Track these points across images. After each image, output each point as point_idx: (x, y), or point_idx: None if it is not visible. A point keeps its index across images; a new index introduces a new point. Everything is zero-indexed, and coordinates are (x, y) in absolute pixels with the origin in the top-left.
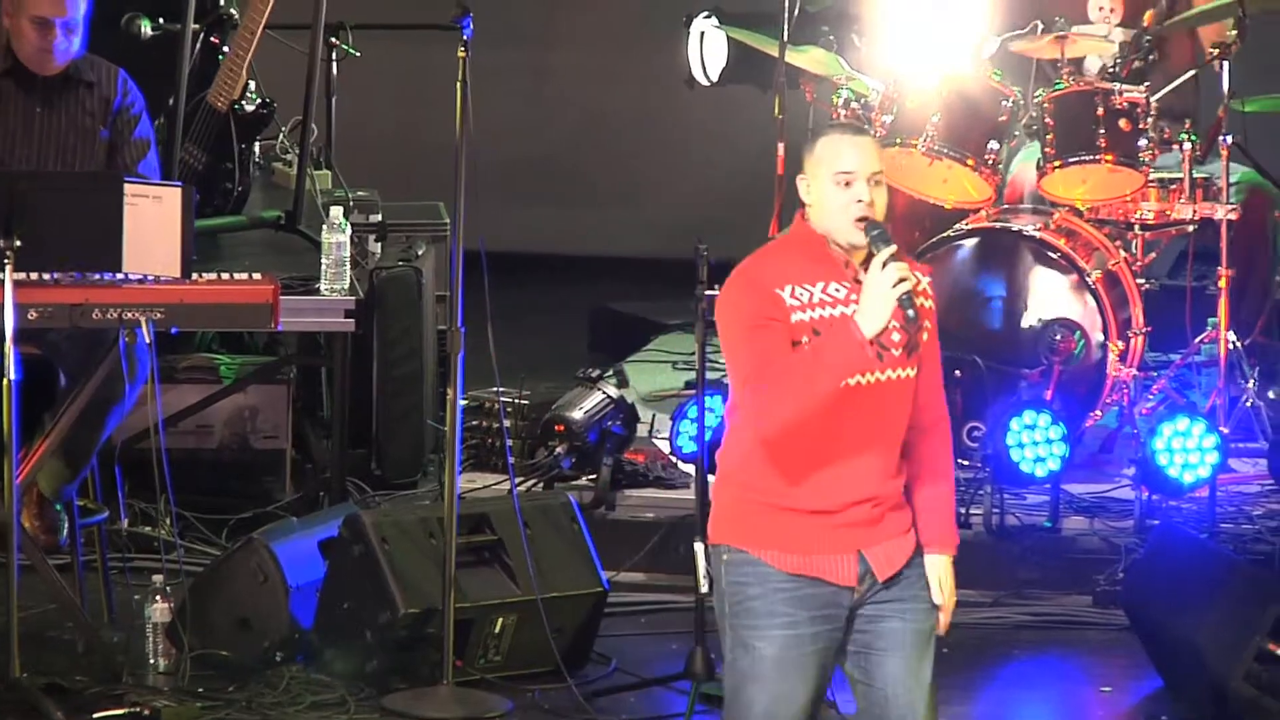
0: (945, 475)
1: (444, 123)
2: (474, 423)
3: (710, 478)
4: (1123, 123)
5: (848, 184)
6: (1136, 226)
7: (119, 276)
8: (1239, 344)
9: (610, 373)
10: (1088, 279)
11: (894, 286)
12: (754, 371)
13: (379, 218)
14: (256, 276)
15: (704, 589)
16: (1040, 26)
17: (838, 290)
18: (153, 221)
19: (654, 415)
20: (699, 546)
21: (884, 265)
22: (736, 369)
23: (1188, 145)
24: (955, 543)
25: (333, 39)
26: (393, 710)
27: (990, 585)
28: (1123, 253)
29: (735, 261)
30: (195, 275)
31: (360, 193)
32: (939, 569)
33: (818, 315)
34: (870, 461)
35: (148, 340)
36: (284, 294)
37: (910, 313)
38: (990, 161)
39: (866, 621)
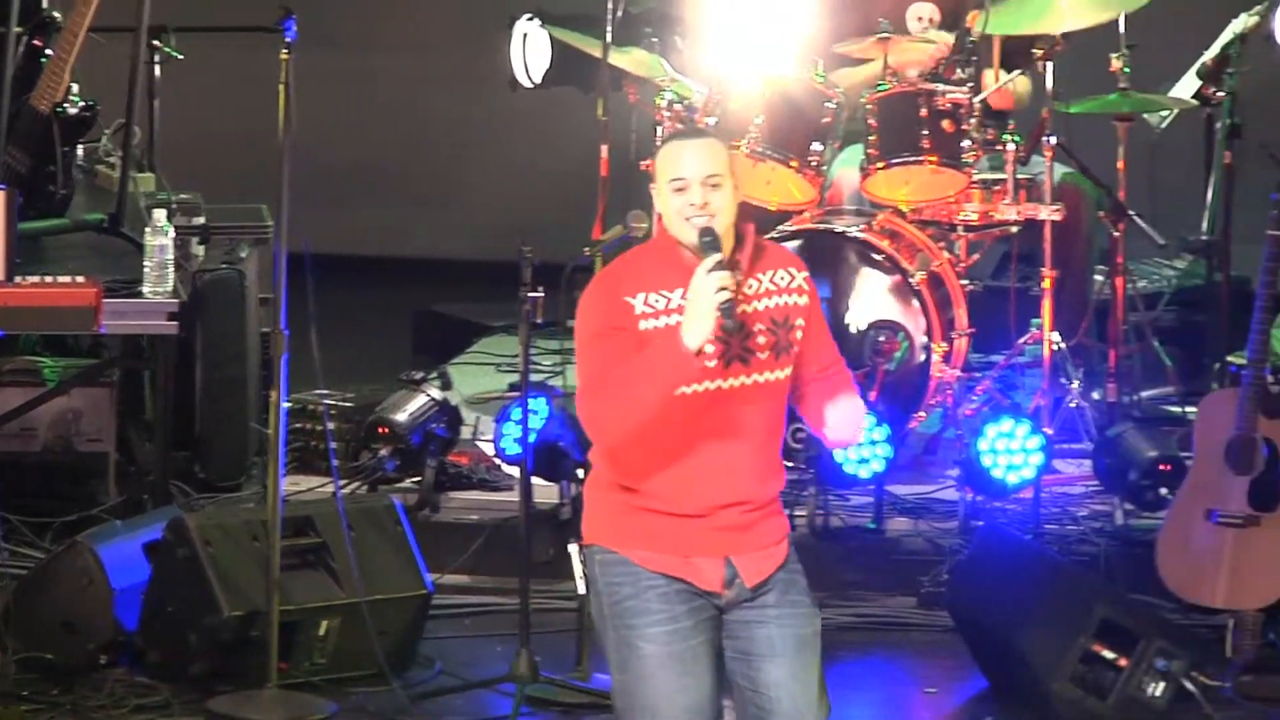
0: (849, 390)
1: (267, 125)
2: (298, 425)
3: (534, 480)
4: (946, 124)
5: (681, 189)
6: (960, 228)
7: None
8: (1062, 345)
9: (434, 375)
10: (911, 280)
11: (715, 294)
12: (590, 382)
13: (202, 220)
14: (79, 279)
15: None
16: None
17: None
18: None
19: (478, 418)
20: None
21: (707, 273)
22: (579, 377)
23: (1011, 146)
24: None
25: (155, 41)
26: (217, 713)
27: (815, 587)
28: (946, 254)
29: (559, 264)
30: (18, 278)
31: (183, 195)
32: None
33: (671, 323)
34: (738, 465)
35: None
36: (107, 297)
37: (728, 323)
38: (813, 163)
39: (742, 627)
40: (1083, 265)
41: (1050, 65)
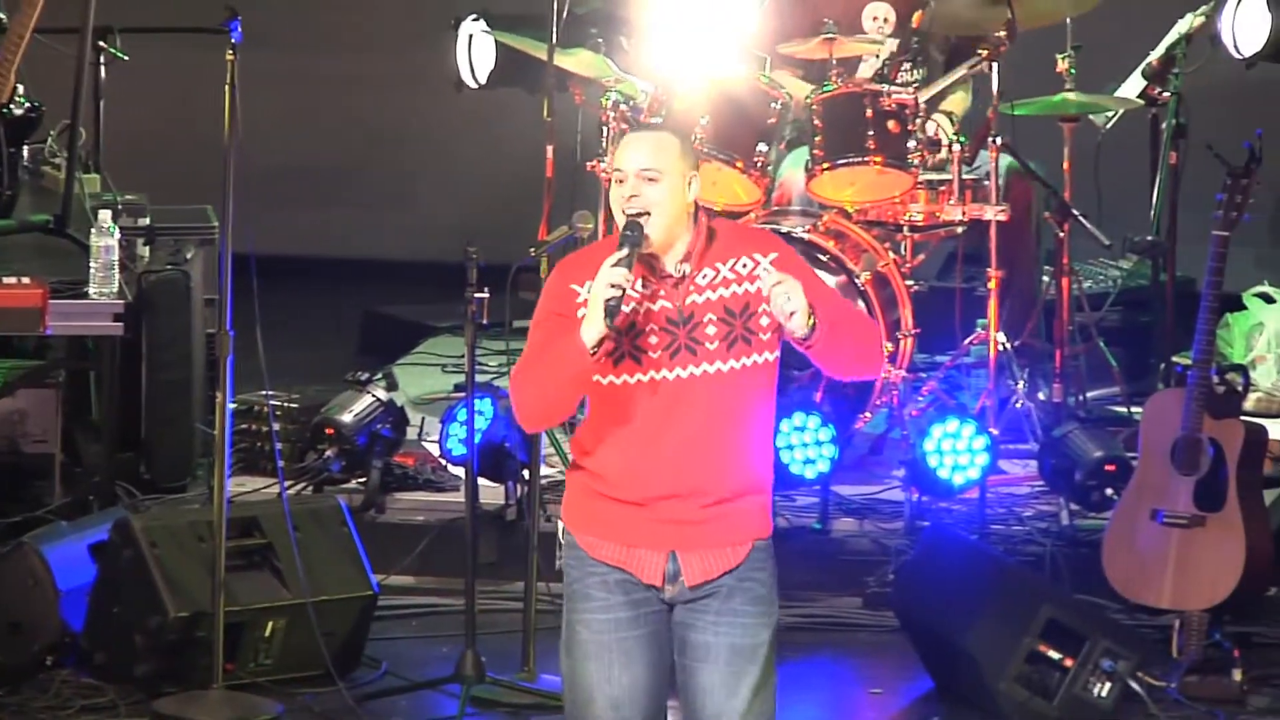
0: (848, 325)
1: (212, 126)
2: (243, 426)
3: (479, 481)
4: (891, 124)
5: (620, 181)
6: (905, 228)
7: None
8: (1008, 345)
9: (380, 376)
10: (856, 281)
11: (607, 289)
12: (520, 362)
13: (147, 221)
14: (25, 280)
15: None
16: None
17: (645, 287)
18: None
19: (423, 418)
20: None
21: (610, 268)
22: None
23: (956, 147)
24: (816, 315)
25: (101, 42)
26: (163, 714)
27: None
28: (892, 254)
29: (505, 265)
30: None
31: (129, 196)
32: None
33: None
34: (686, 456)
35: None
36: (52, 298)
37: (608, 321)
38: (759, 164)
39: (681, 628)
40: (1032, 255)
41: (995, 65)
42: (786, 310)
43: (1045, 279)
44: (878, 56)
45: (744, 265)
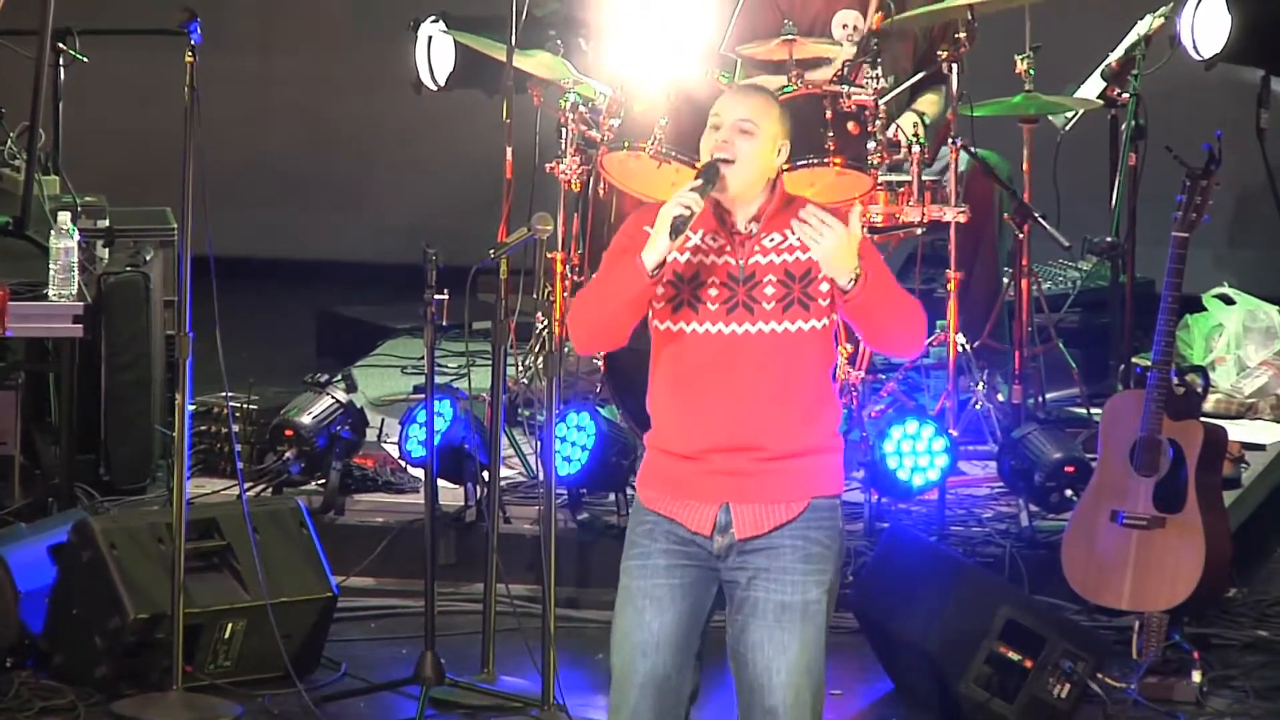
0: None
1: (171, 128)
2: (202, 428)
3: (439, 482)
4: (851, 126)
5: (715, 127)
6: (865, 229)
7: None
8: (968, 347)
9: (339, 377)
10: None
11: (674, 207)
12: (582, 290)
13: (107, 223)
14: None
15: None
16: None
17: (713, 240)
18: None
19: (383, 420)
20: None
21: (684, 192)
22: None
23: (915, 148)
24: (867, 270)
25: (60, 44)
26: (122, 715)
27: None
28: None
29: (464, 266)
30: None
31: (88, 198)
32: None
33: (682, 259)
34: (742, 412)
35: None
36: (12, 300)
37: (672, 236)
38: None
39: (731, 585)
40: (994, 247)
41: (955, 67)
42: (818, 240)
43: (1005, 280)
44: (839, 60)
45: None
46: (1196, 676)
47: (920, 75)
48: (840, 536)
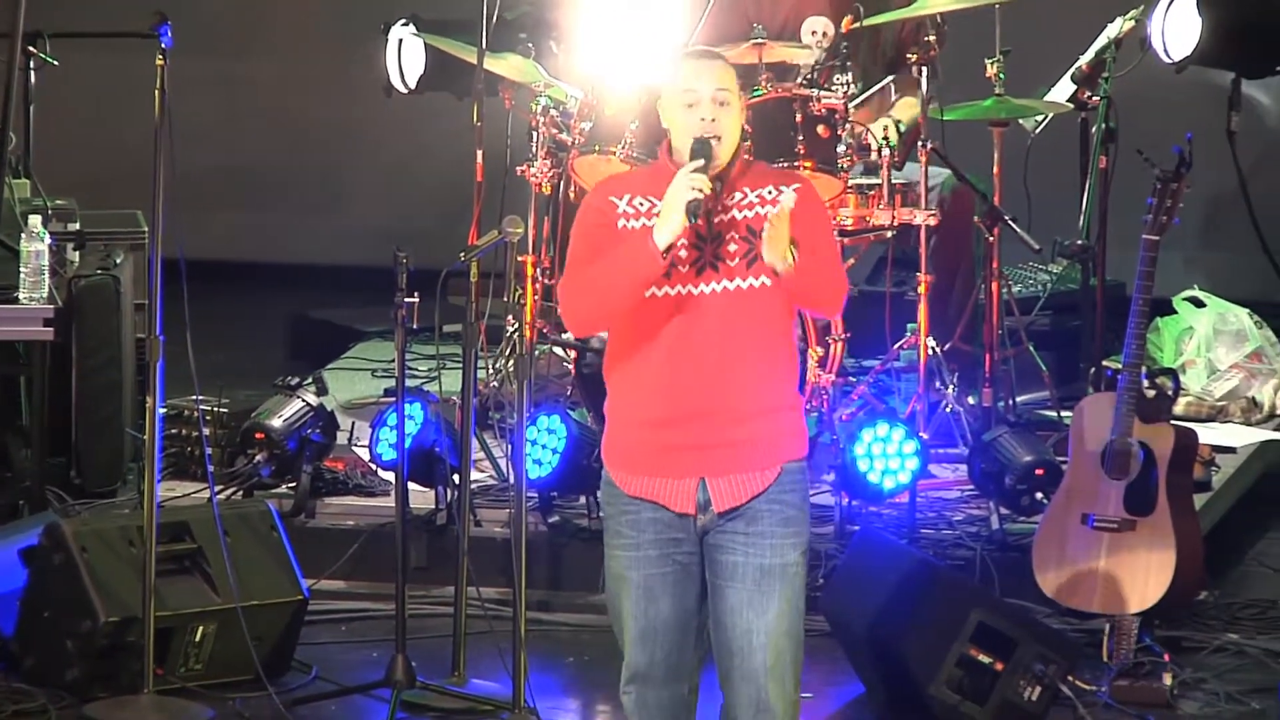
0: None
1: (142, 131)
2: (173, 431)
3: (410, 485)
4: (821, 129)
5: (693, 104)
6: (835, 232)
7: None
8: (938, 350)
9: (309, 380)
10: None
11: (688, 192)
12: (567, 273)
13: (77, 226)
14: None
15: None
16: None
17: None
18: None
19: (353, 423)
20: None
21: (689, 174)
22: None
23: (886, 152)
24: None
25: (30, 47)
26: (93, 718)
27: None
28: None
29: (435, 269)
30: None
31: (59, 201)
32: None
33: (649, 224)
34: (714, 372)
35: None
36: None
37: (692, 219)
38: None
39: (712, 549)
40: (968, 268)
41: (925, 70)
42: (767, 237)
43: (980, 282)
44: (808, 63)
45: (769, 192)
46: (1168, 679)
47: (890, 79)
48: (808, 498)
